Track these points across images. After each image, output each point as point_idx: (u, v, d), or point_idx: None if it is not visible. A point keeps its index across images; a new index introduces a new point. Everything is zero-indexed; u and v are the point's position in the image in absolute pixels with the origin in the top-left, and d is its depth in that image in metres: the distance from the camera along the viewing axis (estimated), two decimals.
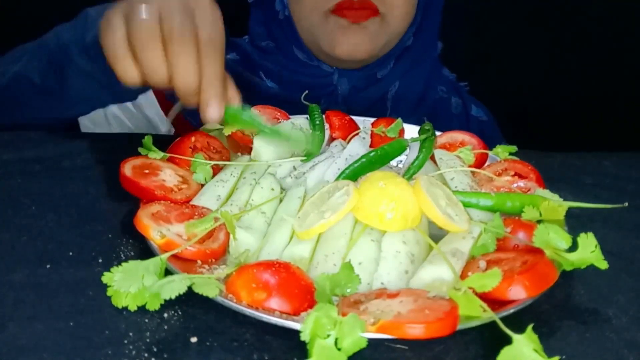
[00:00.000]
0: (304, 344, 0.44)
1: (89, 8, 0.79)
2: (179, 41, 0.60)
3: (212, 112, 0.62)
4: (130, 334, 0.47)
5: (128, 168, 0.64)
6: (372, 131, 0.83)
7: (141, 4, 0.61)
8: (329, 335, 0.44)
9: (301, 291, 0.49)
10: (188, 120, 1.06)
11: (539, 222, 0.59)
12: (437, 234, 0.58)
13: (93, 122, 1.08)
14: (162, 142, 0.71)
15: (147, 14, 0.60)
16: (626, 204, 0.62)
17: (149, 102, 1.08)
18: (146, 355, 0.45)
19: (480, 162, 0.77)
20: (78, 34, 0.76)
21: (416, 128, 0.84)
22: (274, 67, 1.07)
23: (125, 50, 0.61)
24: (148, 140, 0.70)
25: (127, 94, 0.81)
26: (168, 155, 0.70)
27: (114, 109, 1.09)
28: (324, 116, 0.82)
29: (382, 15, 0.97)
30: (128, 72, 0.62)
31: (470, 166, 0.74)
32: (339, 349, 0.44)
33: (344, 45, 0.97)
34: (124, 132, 1.06)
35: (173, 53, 0.60)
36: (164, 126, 1.08)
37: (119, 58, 0.62)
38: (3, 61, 0.86)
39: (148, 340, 0.47)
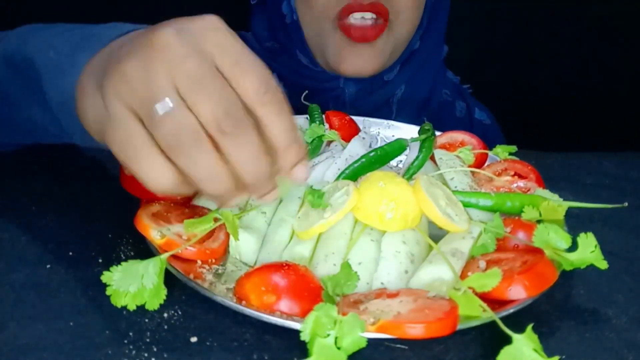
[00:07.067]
0: (304, 343, 0.44)
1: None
2: (232, 129, 0.41)
3: (301, 173, 0.48)
4: (130, 334, 0.47)
5: None
6: None
7: (148, 69, 0.41)
8: (328, 335, 0.44)
9: (310, 293, 0.49)
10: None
11: (538, 222, 0.59)
12: (437, 234, 0.58)
13: None
14: None
15: (172, 101, 0.41)
16: (626, 204, 0.62)
17: None
18: (146, 355, 0.45)
19: (480, 162, 0.77)
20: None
21: (416, 128, 0.84)
22: (279, 67, 1.07)
23: (150, 146, 0.43)
24: None
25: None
26: None
27: None
28: (323, 116, 0.82)
29: (389, 24, 0.97)
30: (160, 175, 0.43)
31: (470, 166, 0.74)
32: (339, 348, 0.44)
33: (350, 63, 0.97)
34: None
35: (229, 147, 0.42)
36: None
37: (143, 158, 0.43)
38: None
39: (148, 340, 0.47)
